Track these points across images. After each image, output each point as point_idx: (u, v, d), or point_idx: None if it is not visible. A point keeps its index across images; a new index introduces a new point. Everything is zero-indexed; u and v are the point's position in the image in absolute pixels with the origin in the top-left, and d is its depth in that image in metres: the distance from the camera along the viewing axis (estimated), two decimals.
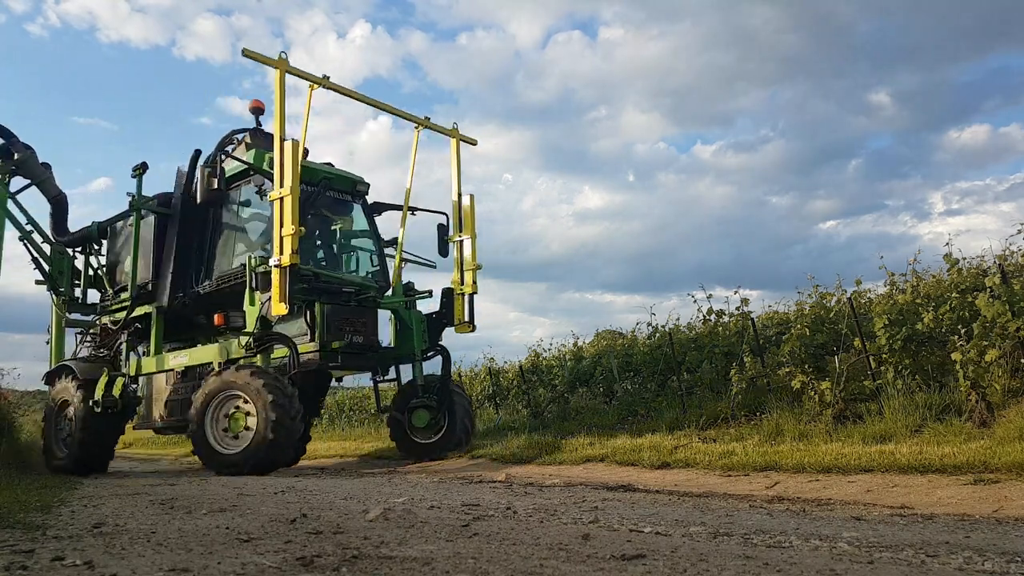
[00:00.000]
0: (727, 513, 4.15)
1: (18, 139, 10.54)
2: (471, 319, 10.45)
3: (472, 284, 10.54)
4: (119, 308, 10.54)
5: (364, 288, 9.90)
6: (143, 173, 10.12)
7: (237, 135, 10.24)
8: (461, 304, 10.50)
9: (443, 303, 10.63)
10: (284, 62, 8.57)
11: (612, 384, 12.53)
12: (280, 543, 3.08)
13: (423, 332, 10.40)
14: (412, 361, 10.35)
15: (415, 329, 10.29)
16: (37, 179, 10.75)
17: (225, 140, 10.30)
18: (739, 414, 8.87)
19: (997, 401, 6.50)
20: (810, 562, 2.63)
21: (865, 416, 7.45)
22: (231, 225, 10.00)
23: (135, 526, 3.72)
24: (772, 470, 6.26)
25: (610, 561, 2.66)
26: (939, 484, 5.03)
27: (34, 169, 10.65)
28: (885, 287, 10.09)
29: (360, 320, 9.57)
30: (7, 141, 10.46)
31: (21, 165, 10.49)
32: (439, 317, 10.59)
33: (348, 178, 10.16)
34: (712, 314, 11.66)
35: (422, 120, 10.73)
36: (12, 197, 10.61)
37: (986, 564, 2.65)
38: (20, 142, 10.53)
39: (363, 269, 10.58)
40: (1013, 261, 8.54)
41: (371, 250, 10.59)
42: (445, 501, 4.86)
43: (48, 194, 10.92)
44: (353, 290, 9.72)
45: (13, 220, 10.58)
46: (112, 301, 10.74)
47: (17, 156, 10.43)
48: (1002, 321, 6.73)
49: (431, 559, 2.69)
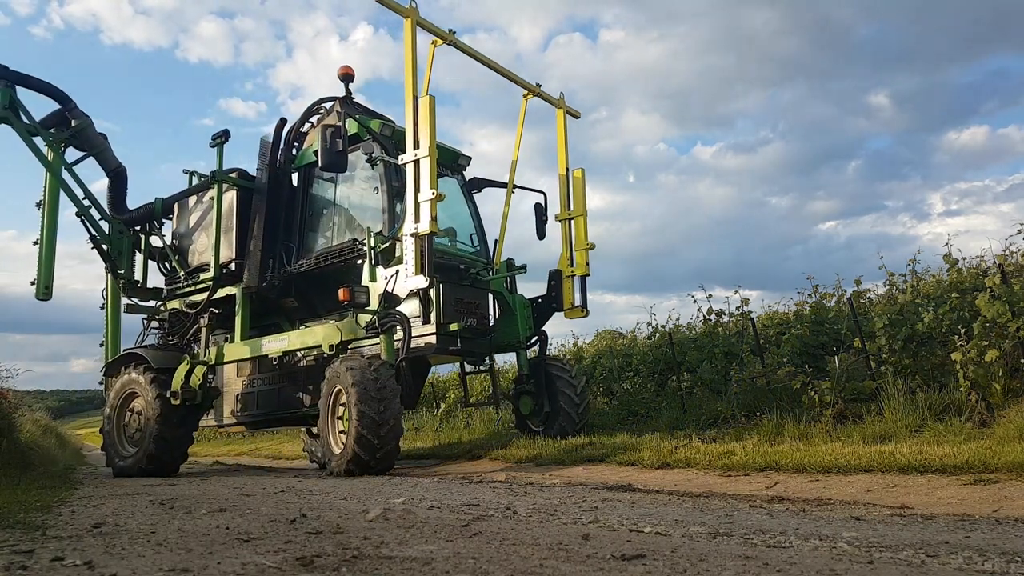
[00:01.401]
0: (727, 513, 4.15)
1: (76, 105, 9.60)
2: (584, 303, 9.73)
3: (585, 265, 9.86)
4: (194, 290, 9.73)
5: (475, 265, 9.29)
6: (225, 142, 9.45)
7: (325, 103, 9.59)
8: (571, 287, 9.81)
9: (550, 286, 9.85)
10: (415, 11, 7.89)
11: (612, 384, 12.53)
12: (280, 543, 3.08)
13: (528, 317, 9.71)
14: (516, 348, 9.66)
15: (519, 314, 9.59)
16: (95, 150, 9.77)
17: (312, 109, 9.64)
18: (739, 414, 8.87)
19: (997, 401, 6.51)
20: (810, 562, 2.63)
21: (865, 416, 7.45)
22: (328, 199, 9.23)
23: (135, 526, 3.72)
24: (772, 470, 6.25)
25: (610, 561, 2.66)
26: (939, 484, 5.03)
27: (92, 139, 9.68)
28: (885, 287, 10.12)
29: (475, 301, 8.86)
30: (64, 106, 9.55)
31: (78, 134, 9.52)
32: (547, 301, 9.85)
33: (450, 151, 9.48)
34: (712, 314, 11.68)
35: (533, 87, 10.15)
36: (69, 168, 9.60)
37: (986, 564, 2.65)
38: (78, 109, 9.60)
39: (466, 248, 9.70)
40: (1013, 261, 8.54)
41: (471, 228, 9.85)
42: (445, 501, 4.86)
43: (107, 167, 9.99)
44: (465, 268, 9.12)
45: (70, 193, 9.51)
46: (184, 283, 9.86)
47: (75, 123, 9.49)
48: (1002, 321, 6.73)
49: (431, 559, 2.69)
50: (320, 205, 9.29)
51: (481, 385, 14.83)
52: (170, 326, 10.18)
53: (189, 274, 9.85)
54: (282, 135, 9.51)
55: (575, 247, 9.98)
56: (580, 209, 9.98)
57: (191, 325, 9.79)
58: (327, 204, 9.24)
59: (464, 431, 13.48)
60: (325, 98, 9.61)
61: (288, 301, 9.31)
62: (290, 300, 9.28)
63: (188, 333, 9.85)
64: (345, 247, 8.52)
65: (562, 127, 10.49)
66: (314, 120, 9.69)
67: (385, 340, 7.71)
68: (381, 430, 6.92)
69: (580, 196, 10.03)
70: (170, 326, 10.18)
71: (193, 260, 9.86)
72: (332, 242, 8.86)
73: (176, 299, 10.01)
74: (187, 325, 9.86)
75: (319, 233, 9.15)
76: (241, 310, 9.19)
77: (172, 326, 10.15)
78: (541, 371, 9.59)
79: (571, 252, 9.99)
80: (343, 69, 9.26)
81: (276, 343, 8.81)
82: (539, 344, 9.83)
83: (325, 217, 9.19)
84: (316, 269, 8.81)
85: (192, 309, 9.65)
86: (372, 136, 8.49)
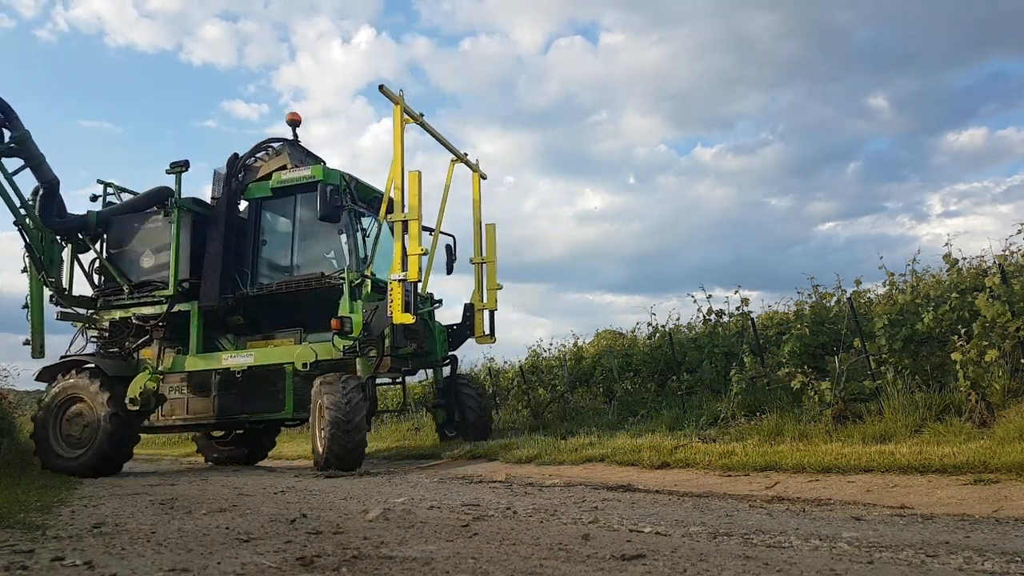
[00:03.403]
0: (727, 513, 4.16)
1: (18, 118, 9.82)
2: (492, 332, 11.53)
3: (494, 301, 11.61)
4: (139, 303, 10.17)
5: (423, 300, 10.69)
6: (184, 171, 9.95)
7: (272, 143, 10.49)
8: (482, 318, 11.48)
9: (465, 316, 11.56)
10: (402, 98, 9.39)
11: (612, 384, 12.53)
12: (280, 543, 3.08)
13: (444, 342, 11.45)
14: (434, 366, 11.48)
15: (438, 339, 11.29)
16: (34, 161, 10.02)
17: (260, 145, 10.49)
18: (739, 414, 8.87)
19: (997, 401, 6.50)
20: (810, 562, 2.63)
21: (865, 416, 7.44)
22: (284, 232, 10.30)
23: (135, 526, 3.72)
24: (772, 470, 6.25)
25: (610, 561, 2.67)
26: (939, 484, 5.03)
27: (31, 150, 9.95)
28: (885, 287, 10.10)
29: (416, 329, 10.09)
30: (5, 116, 9.73)
31: (19, 144, 9.76)
32: (462, 329, 11.55)
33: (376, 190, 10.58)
34: (712, 314, 11.66)
35: (461, 155, 11.64)
36: (8, 178, 9.84)
37: (986, 564, 2.65)
38: (19, 121, 9.82)
39: None
40: (1013, 261, 8.53)
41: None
42: (445, 501, 4.86)
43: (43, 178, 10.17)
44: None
45: (8, 201, 9.81)
46: (129, 296, 10.21)
47: (14, 134, 9.73)
48: (1002, 321, 6.73)
49: (431, 559, 2.69)
50: (275, 236, 10.33)
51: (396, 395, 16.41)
52: (111, 335, 10.43)
53: (135, 288, 10.19)
54: (235, 168, 10.24)
55: (487, 287, 11.65)
56: (491, 256, 11.77)
57: (140, 336, 10.19)
58: (283, 237, 10.30)
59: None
60: (273, 138, 10.52)
61: (236, 319, 10.12)
62: (237, 318, 10.11)
63: (136, 343, 10.23)
64: (313, 279, 9.67)
65: (477, 188, 12.09)
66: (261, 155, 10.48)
67: (362, 361, 9.11)
68: (349, 435, 8.39)
69: (492, 245, 11.75)
70: (111, 335, 10.43)
71: (136, 275, 10.23)
72: (293, 273, 9.95)
73: (117, 310, 10.35)
74: (129, 335, 10.25)
75: (276, 261, 10.18)
76: (196, 326, 9.96)
77: (113, 335, 10.42)
78: (453, 388, 11.32)
79: (482, 291, 11.64)
80: (291, 116, 10.60)
81: (241, 358, 9.77)
82: (451, 364, 11.57)
83: (282, 248, 10.22)
84: (278, 293, 9.80)
85: (145, 322, 10.08)
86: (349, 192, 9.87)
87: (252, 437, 12.34)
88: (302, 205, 9.98)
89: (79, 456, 9.37)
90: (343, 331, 8.97)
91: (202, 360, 9.92)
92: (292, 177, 9.89)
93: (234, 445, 12.52)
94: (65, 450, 9.53)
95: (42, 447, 9.63)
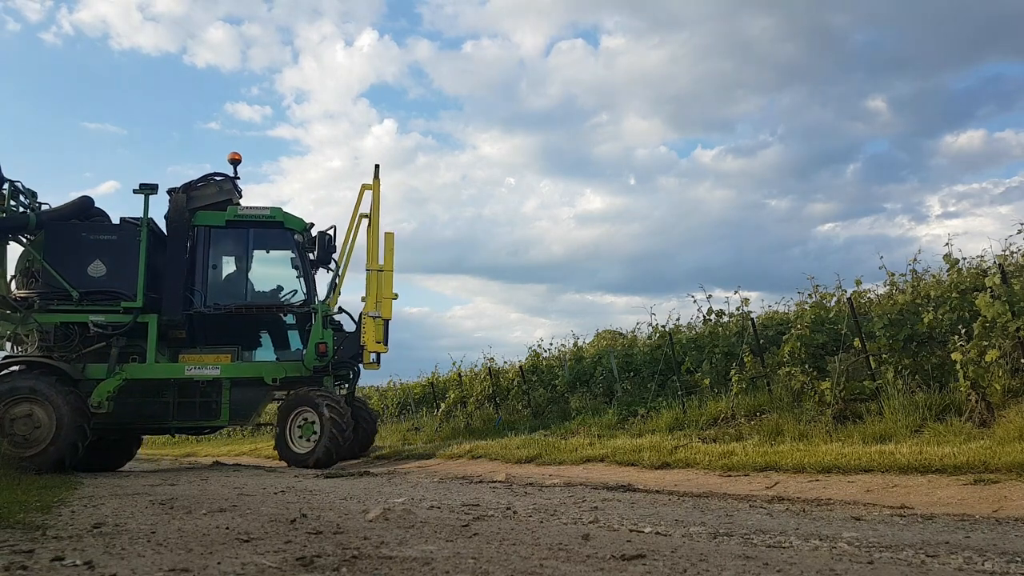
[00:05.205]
0: (727, 513, 4.16)
1: None
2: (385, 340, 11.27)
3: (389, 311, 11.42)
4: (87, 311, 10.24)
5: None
6: (152, 193, 10.49)
7: (216, 176, 11.28)
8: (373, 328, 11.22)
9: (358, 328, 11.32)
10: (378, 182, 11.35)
11: (612, 384, 12.53)
12: (280, 543, 3.08)
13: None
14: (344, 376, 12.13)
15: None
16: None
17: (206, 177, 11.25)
18: (739, 414, 8.86)
19: (997, 401, 6.50)
20: (810, 562, 2.63)
21: (865, 416, 7.44)
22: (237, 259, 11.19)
23: (135, 526, 3.72)
24: (772, 470, 6.25)
25: (610, 561, 2.67)
26: (939, 484, 5.03)
27: None
28: (885, 287, 10.09)
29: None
30: None
31: None
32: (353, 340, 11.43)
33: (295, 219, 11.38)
34: (712, 314, 11.66)
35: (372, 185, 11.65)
36: None
37: (986, 564, 2.65)
38: None
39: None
40: (1013, 261, 8.53)
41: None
42: (445, 501, 4.86)
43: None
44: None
45: None
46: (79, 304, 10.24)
47: None
48: (1002, 321, 6.72)
49: (431, 559, 2.69)
50: (225, 263, 11.12)
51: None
52: (56, 339, 10.28)
53: (85, 296, 10.22)
54: (190, 194, 10.91)
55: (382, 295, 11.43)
56: (390, 265, 11.67)
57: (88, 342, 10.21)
58: (235, 263, 11.19)
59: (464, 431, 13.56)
60: (217, 173, 11.42)
61: (178, 333, 10.66)
62: (180, 332, 10.66)
63: (88, 348, 10.22)
64: (274, 305, 11.00)
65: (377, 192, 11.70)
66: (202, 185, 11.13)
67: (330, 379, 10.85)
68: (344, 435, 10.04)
69: (390, 254, 11.58)
70: (56, 339, 10.28)
71: (84, 284, 10.25)
72: (247, 299, 10.91)
73: (59, 314, 10.25)
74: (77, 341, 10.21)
75: (225, 286, 10.95)
76: (153, 336, 10.42)
77: (58, 339, 10.28)
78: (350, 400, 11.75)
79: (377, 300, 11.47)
80: (232, 155, 11.49)
81: (207, 370, 10.53)
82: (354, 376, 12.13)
83: (234, 274, 11.08)
84: (227, 314, 10.65)
85: (103, 329, 10.21)
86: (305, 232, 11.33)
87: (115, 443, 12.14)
88: (256, 238, 11.12)
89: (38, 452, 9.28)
90: (322, 354, 10.45)
91: (163, 368, 10.45)
92: (250, 213, 11.05)
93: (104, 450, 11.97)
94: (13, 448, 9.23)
95: None
